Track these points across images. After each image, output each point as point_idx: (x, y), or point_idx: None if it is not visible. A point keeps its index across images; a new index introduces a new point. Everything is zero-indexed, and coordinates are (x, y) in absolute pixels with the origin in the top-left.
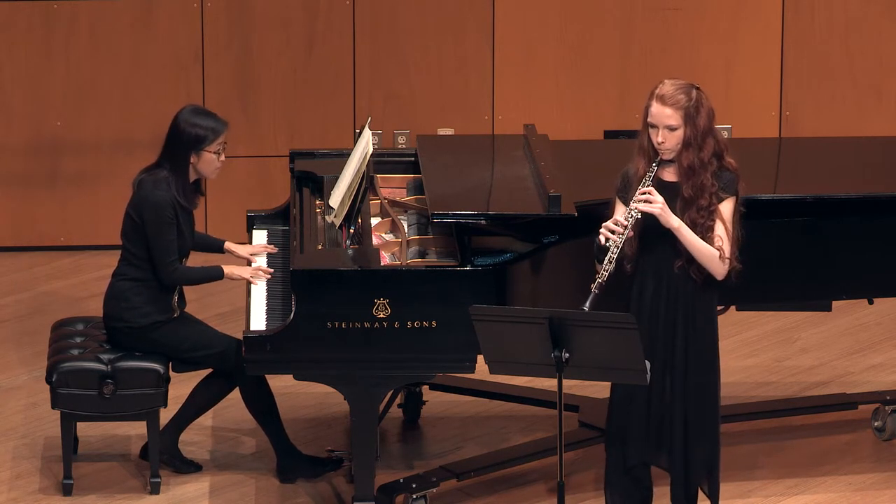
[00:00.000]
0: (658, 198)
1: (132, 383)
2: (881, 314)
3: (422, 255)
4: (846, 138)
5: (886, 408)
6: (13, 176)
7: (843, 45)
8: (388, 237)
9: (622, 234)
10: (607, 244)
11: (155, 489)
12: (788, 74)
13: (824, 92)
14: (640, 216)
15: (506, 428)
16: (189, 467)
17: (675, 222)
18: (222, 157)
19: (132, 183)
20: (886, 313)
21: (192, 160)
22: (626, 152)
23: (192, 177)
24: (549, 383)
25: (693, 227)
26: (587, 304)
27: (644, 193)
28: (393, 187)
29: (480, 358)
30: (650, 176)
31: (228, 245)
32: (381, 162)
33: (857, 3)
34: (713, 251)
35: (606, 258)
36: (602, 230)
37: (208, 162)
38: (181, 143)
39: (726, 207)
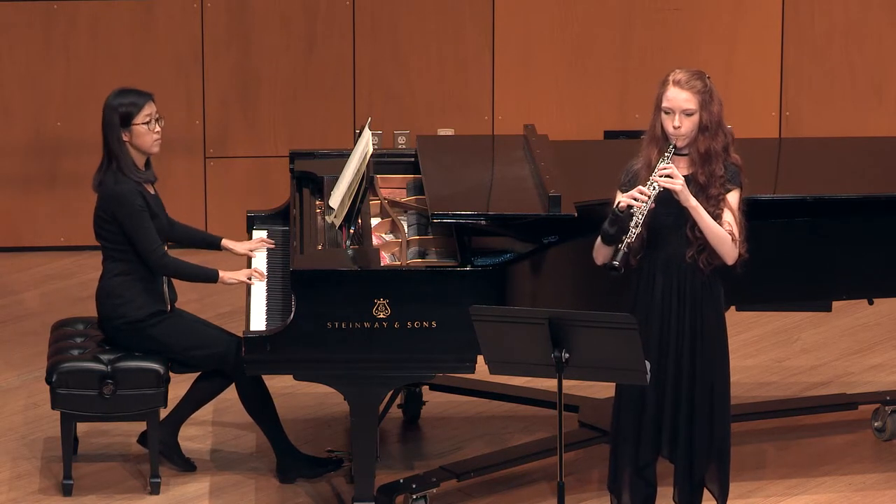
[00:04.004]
0: (679, 175)
1: (132, 383)
2: (881, 314)
3: (422, 255)
4: (846, 138)
5: (886, 408)
6: (13, 176)
7: (843, 45)
8: (388, 237)
9: (646, 203)
10: (631, 210)
11: (155, 489)
12: (788, 74)
13: (824, 92)
14: (661, 190)
15: (506, 428)
16: (186, 465)
17: (692, 201)
18: (157, 129)
19: (93, 187)
20: (886, 313)
21: (125, 138)
22: (626, 152)
23: (138, 158)
24: (549, 383)
25: None
26: (617, 259)
27: (666, 169)
28: (393, 187)
29: (480, 358)
30: (668, 156)
31: (226, 242)
32: (381, 162)
33: (857, 4)
34: (726, 233)
35: (633, 223)
36: (623, 197)
37: (141, 135)
38: (111, 125)
39: (733, 197)
